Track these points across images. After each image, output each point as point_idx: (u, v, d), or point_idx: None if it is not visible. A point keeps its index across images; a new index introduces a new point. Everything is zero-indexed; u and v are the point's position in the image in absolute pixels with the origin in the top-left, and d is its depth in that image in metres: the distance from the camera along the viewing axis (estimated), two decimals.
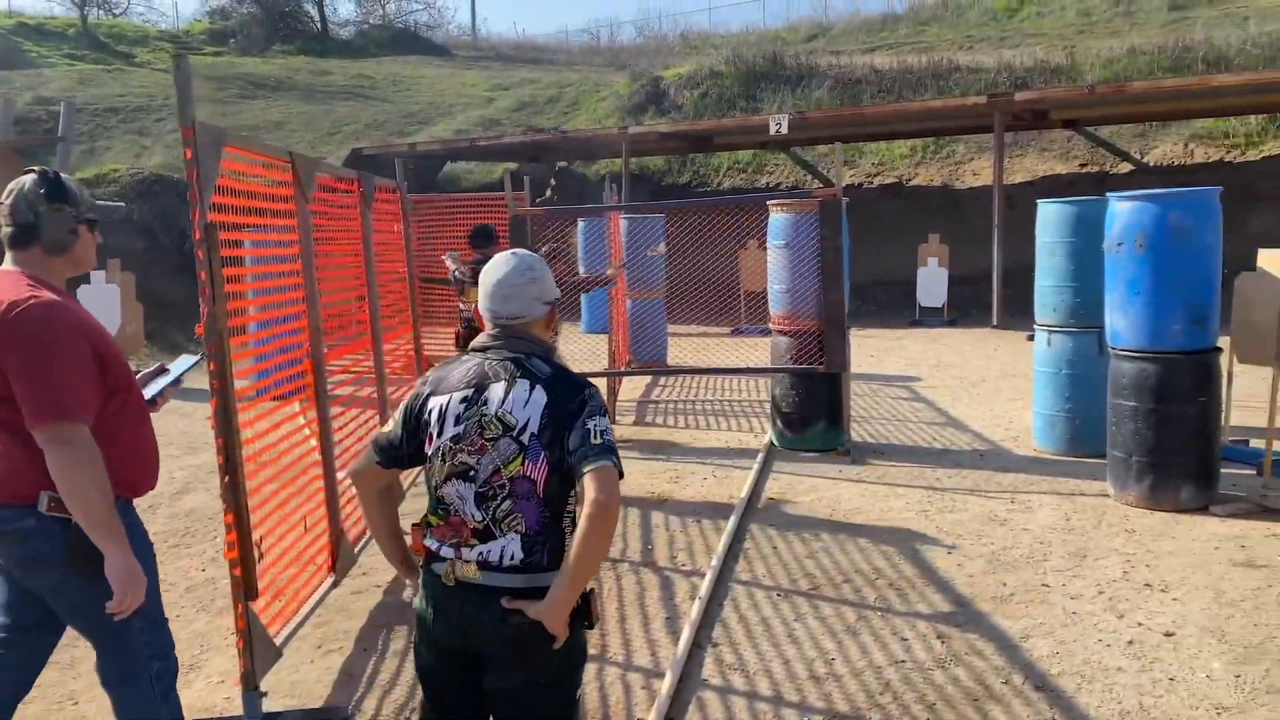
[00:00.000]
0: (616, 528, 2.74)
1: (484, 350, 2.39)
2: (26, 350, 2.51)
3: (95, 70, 30.63)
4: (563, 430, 2.25)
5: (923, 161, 20.62)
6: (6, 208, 2.65)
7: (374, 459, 2.45)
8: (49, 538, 2.58)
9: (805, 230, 7.50)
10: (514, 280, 2.38)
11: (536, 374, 2.31)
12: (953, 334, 14.94)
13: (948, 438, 8.08)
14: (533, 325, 2.41)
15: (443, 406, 2.35)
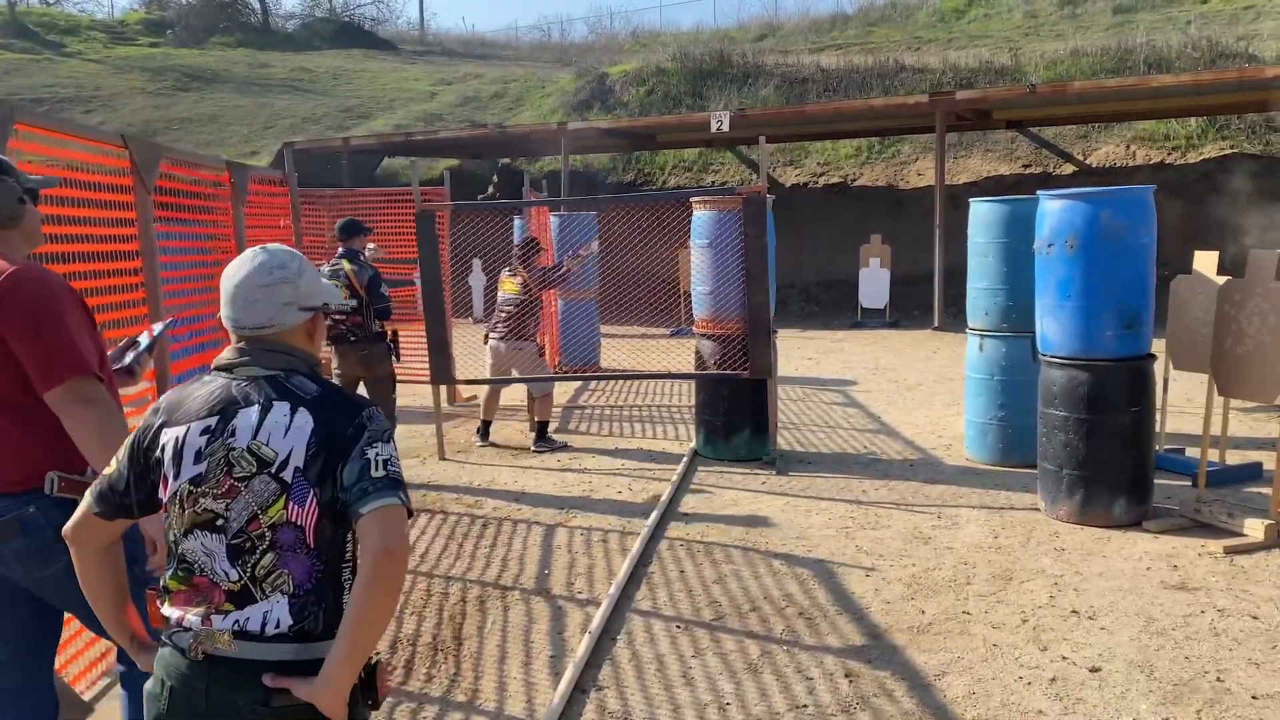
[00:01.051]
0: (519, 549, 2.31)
1: (229, 369, 1.94)
2: (29, 314, 2.40)
3: (22, 60, 29.58)
4: (335, 462, 1.83)
5: (868, 161, 20.41)
6: None
7: (93, 510, 1.98)
8: (52, 524, 2.37)
9: (729, 229, 7.12)
10: (259, 281, 1.93)
11: (299, 394, 1.89)
12: (894, 336, 14.70)
13: (878, 446, 7.76)
14: (288, 336, 1.97)
15: (179, 440, 1.89)
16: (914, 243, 17.00)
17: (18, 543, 2.45)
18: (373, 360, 6.81)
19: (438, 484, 6.88)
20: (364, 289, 6.71)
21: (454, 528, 5.83)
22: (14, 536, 2.45)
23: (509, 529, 5.78)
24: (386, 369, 6.87)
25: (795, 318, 17.60)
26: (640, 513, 6.02)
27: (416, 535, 5.71)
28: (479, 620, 4.44)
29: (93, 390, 2.44)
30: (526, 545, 5.48)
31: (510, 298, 7.67)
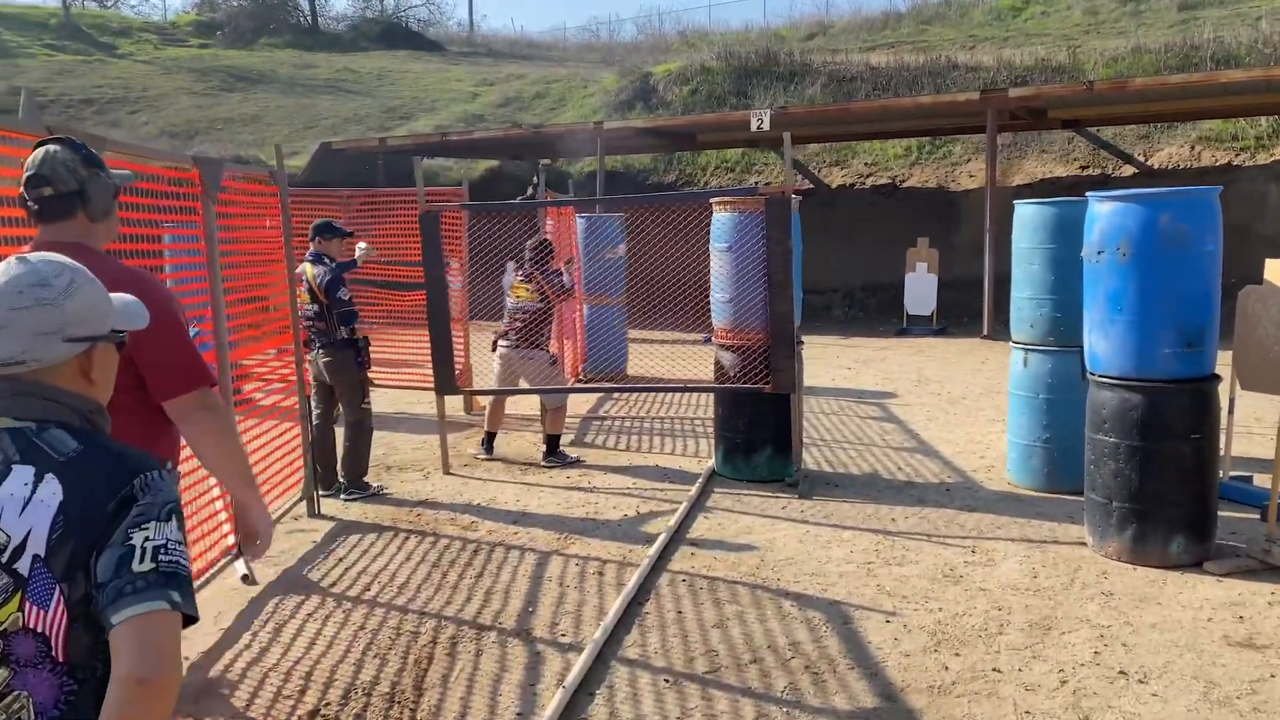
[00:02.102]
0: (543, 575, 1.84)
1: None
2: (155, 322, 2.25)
3: (74, 61, 29.89)
4: (90, 548, 1.40)
5: (918, 162, 19.70)
6: (42, 176, 2.50)
7: None
8: None
9: (750, 232, 6.61)
10: (8, 301, 1.50)
11: (50, 454, 1.47)
12: (940, 344, 14.04)
13: (913, 466, 7.19)
14: (50, 375, 1.53)
15: None
16: (964, 247, 16.33)
17: None
18: (336, 367, 6.49)
19: (436, 501, 6.46)
20: (322, 293, 6.40)
21: (442, 553, 5.40)
22: None
23: (500, 556, 5.33)
24: (352, 377, 6.51)
25: (837, 324, 17.00)
26: (645, 540, 5.54)
27: (402, 561, 5.28)
28: (446, 667, 3.99)
29: (215, 398, 2.59)
30: (516, 576, 5.02)
31: (523, 304, 7.26)
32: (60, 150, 2.55)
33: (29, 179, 2.54)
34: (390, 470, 7.35)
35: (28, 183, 2.55)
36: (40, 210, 2.55)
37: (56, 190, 2.52)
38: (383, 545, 5.58)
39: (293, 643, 4.25)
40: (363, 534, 5.79)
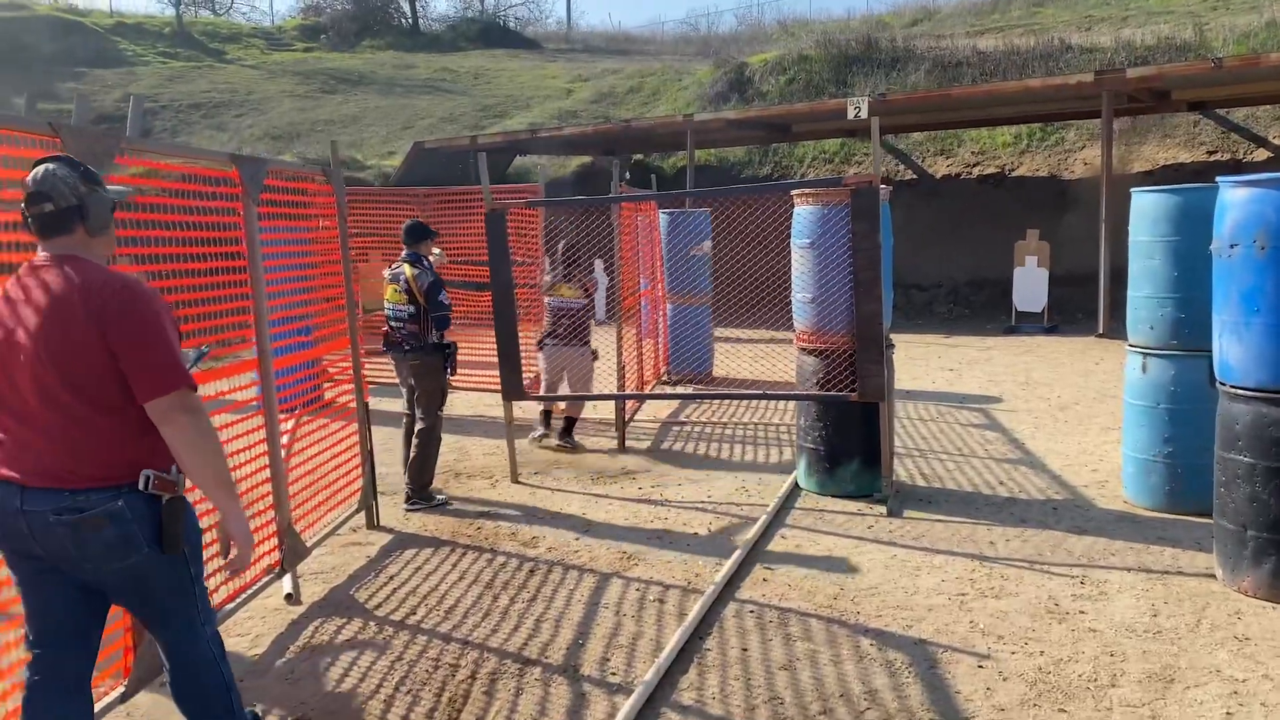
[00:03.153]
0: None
1: None
2: (137, 324, 2.56)
3: (186, 68, 30.81)
4: None
5: (1028, 150, 18.71)
6: (42, 193, 2.60)
7: None
8: (137, 518, 2.58)
9: (835, 226, 6.11)
10: None
11: None
12: (1051, 343, 13.19)
13: (1017, 481, 6.58)
14: None
15: None
16: (1078, 239, 15.36)
17: (106, 534, 2.57)
18: (424, 372, 6.33)
19: (500, 512, 6.15)
20: (423, 295, 6.27)
21: (496, 573, 5.06)
22: (104, 528, 2.56)
23: (557, 578, 4.97)
24: (437, 383, 6.36)
25: (941, 321, 16.23)
26: (714, 560, 5.10)
27: (454, 581, 4.97)
28: (481, 708, 3.63)
29: (194, 401, 2.62)
30: (571, 601, 4.65)
31: (568, 303, 7.48)
32: (60, 168, 2.64)
33: (30, 196, 2.62)
34: (459, 477, 7.08)
35: (29, 199, 2.63)
36: (41, 226, 2.64)
37: (57, 206, 2.61)
38: (437, 562, 5.28)
39: (325, 673, 3.96)
40: (418, 549, 5.51)
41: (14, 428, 2.62)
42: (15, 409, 2.62)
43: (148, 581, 2.70)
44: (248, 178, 4.58)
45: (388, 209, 10.21)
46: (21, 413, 2.60)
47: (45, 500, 2.55)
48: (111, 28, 33.39)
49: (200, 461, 2.61)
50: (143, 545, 2.61)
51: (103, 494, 2.57)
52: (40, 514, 2.55)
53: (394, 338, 6.38)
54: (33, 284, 2.62)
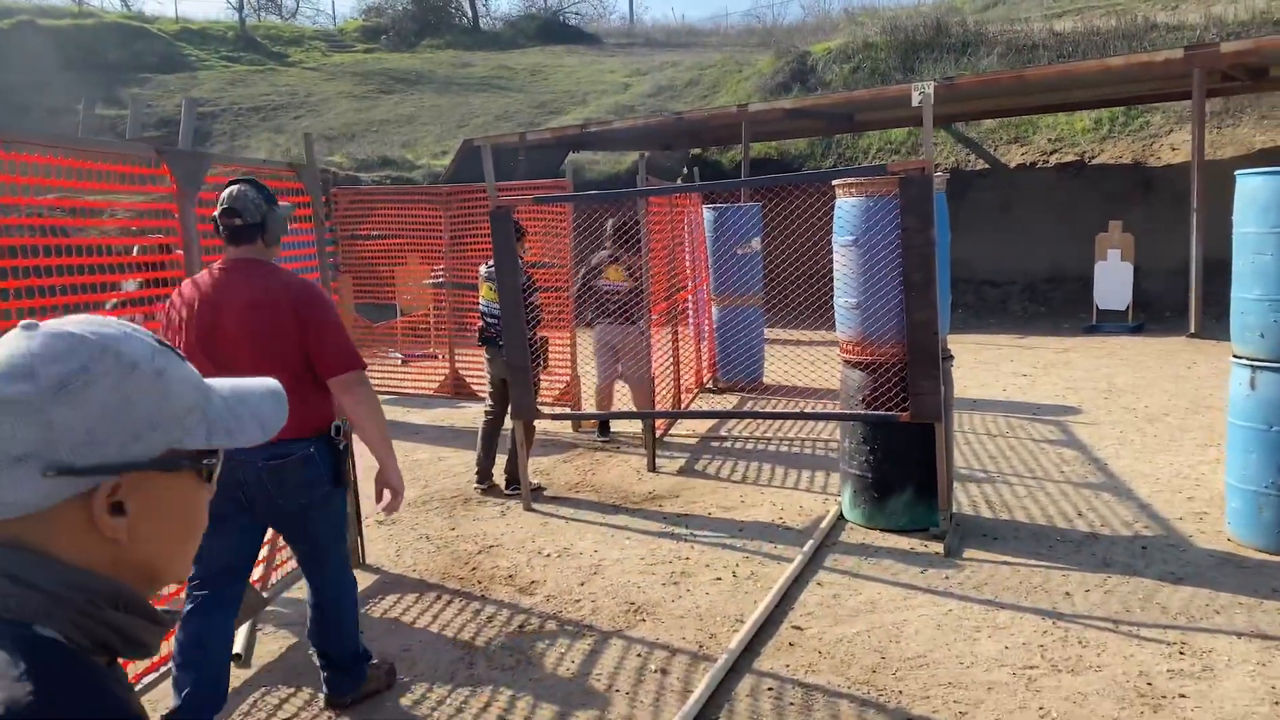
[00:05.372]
0: None
1: None
2: (323, 315, 3.26)
3: (246, 71, 30.87)
4: None
5: (1110, 135, 17.49)
6: (234, 208, 3.27)
7: None
8: (323, 462, 3.27)
9: (882, 221, 5.30)
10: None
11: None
12: (1136, 344, 12.09)
13: (1098, 511, 5.69)
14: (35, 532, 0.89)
15: None
16: (1166, 230, 14.20)
17: (297, 475, 3.19)
18: None
19: (503, 546, 5.47)
20: None
21: (480, 629, 4.37)
22: (295, 470, 3.18)
23: (548, 637, 4.26)
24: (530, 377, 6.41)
25: (1016, 320, 15.17)
26: (734, 616, 4.35)
27: (429, 641, 4.29)
28: None
29: (366, 377, 3.29)
30: (557, 670, 3.93)
31: (615, 286, 7.37)
32: (249, 189, 3.31)
33: (224, 210, 3.29)
34: (469, 503, 6.43)
35: (223, 213, 3.29)
36: (230, 235, 3.30)
37: (245, 221, 3.27)
38: (416, 613, 4.61)
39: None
40: (401, 594, 4.85)
41: None
42: None
43: (320, 519, 3.37)
44: (183, 175, 3.95)
45: (423, 210, 9.62)
46: None
47: (253, 452, 3.00)
48: (176, 34, 33.63)
49: (371, 423, 3.28)
50: (324, 484, 3.30)
51: (300, 444, 3.20)
52: (250, 463, 3.12)
53: (489, 333, 6.63)
54: (235, 280, 3.27)
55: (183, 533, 0.98)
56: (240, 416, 0.99)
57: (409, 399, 9.58)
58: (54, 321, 0.93)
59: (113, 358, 0.91)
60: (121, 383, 0.90)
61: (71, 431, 0.88)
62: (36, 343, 0.89)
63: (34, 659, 0.82)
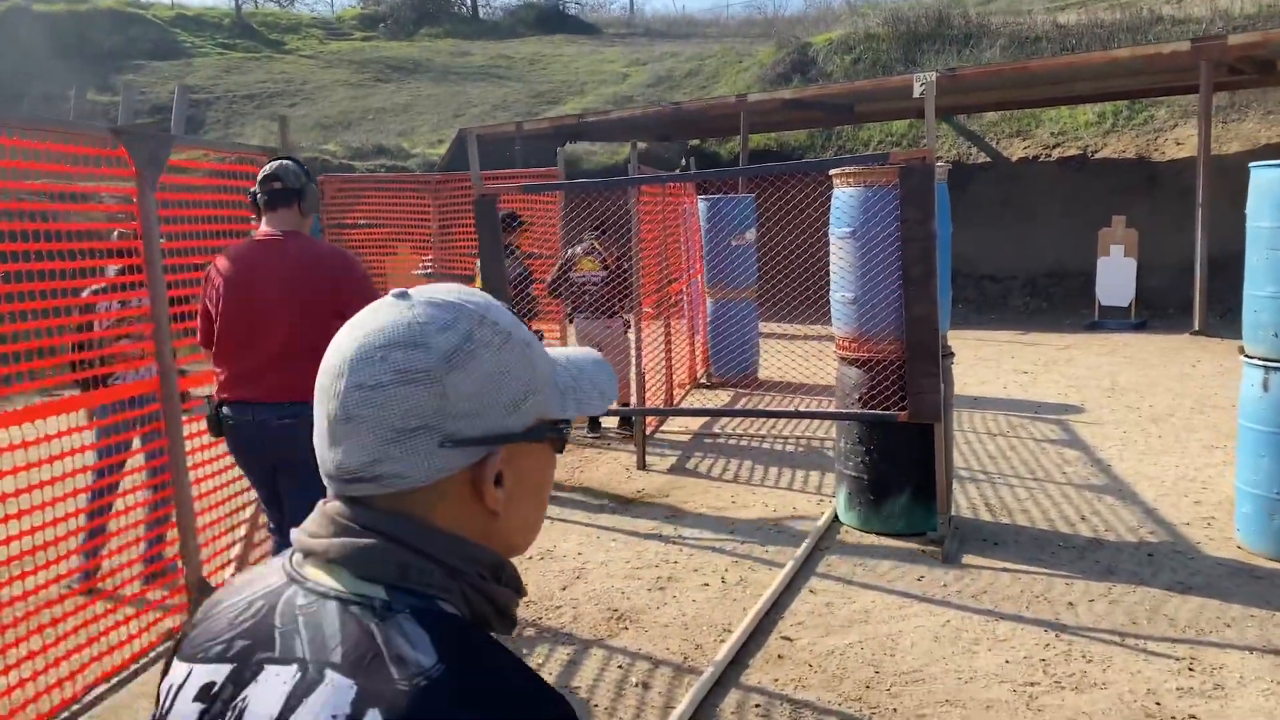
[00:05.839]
0: None
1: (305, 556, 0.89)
2: (359, 279, 3.50)
3: (243, 59, 30.59)
4: None
5: (1113, 130, 17.26)
6: (276, 174, 3.50)
7: None
8: None
9: (881, 212, 5.09)
10: (359, 376, 0.86)
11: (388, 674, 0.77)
12: (1139, 341, 11.88)
13: (1103, 516, 5.50)
14: (424, 504, 0.87)
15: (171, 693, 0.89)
16: (1170, 226, 13.98)
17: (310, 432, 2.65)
18: None
19: None
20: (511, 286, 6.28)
21: None
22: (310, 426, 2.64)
23: (524, 646, 4.06)
24: None
25: (1017, 316, 14.95)
26: (722, 623, 4.15)
27: None
28: None
29: None
30: None
31: (589, 276, 7.19)
32: (290, 163, 3.55)
33: (265, 177, 3.50)
34: None
35: (263, 180, 3.49)
36: (270, 198, 3.48)
37: (285, 185, 3.48)
38: None
39: None
40: None
41: (247, 358, 3.44)
42: (252, 345, 3.42)
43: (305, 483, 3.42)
44: (143, 157, 3.74)
45: (412, 198, 9.41)
46: (258, 347, 3.41)
47: (274, 411, 3.40)
48: (172, 20, 33.32)
49: None
50: None
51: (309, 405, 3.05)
52: (266, 420, 3.41)
53: None
54: (274, 251, 3.46)
55: (540, 503, 0.97)
56: (583, 386, 0.97)
57: None
58: (425, 289, 0.92)
59: (490, 327, 0.90)
60: (500, 352, 0.89)
61: (462, 401, 0.87)
62: (419, 312, 0.89)
63: (447, 633, 0.82)
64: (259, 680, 0.83)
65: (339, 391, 0.86)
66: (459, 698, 0.77)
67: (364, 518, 0.86)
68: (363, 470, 0.86)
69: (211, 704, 0.84)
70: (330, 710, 0.78)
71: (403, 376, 0.85)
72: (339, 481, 0.88)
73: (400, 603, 0.83)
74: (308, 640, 0.83)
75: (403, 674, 0.78)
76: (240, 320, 3.43)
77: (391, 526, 0.86)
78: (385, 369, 0.85)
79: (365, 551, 0.85)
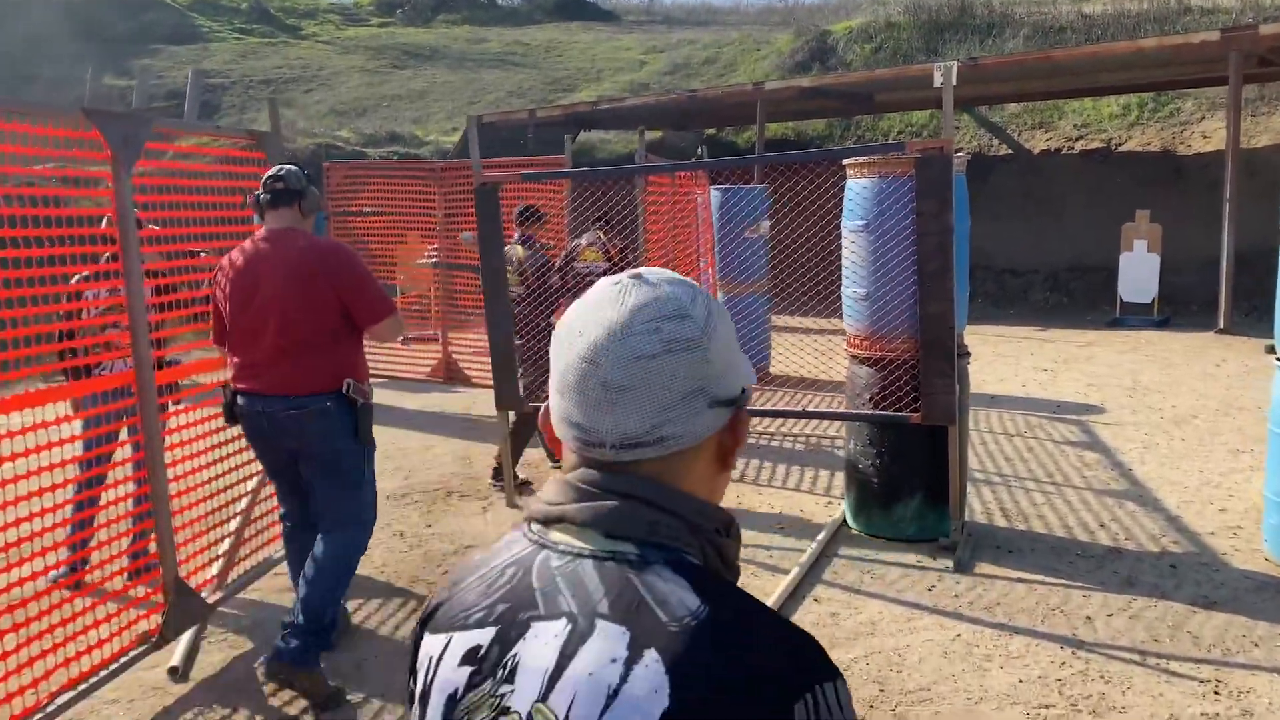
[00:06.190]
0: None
1: (545, 523, 0.98)
2: (356, 274, 3.61)
3: (259, 44, 30.50)
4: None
5: (1138, 122, 16.91)
6: (281, 175, 3.64)
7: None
8: (342, 414, 3.57)
9: (896, 204, 4.87)
10: (634, 347, 0.94)
11: (655, 615, 0.88)
12: (1162, 339, 11.60)
13: (1123, 523, 5.28)
14: (676, 466, 0.96)
15: (431, 664, 0.97)
16: (1195, 220, 13.65)
17: (319, 424, 3.54)
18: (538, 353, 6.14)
19: (479, 548, 5.09)
20: (534, 278, 6.30)
21: None
22: (316, 419, 3.53)
23: None
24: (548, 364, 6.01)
25: (1036, 312, 14.68)
26: None
27: (386, 654, 3.93)
28: None
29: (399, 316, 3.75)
30: None
31: (591, 266, 6.83)
32: (295, 168, 3.69)
33: (269, 178, 3.64)
34: (450, 496, 6.07)
35: (267, 181, 3.63)
36: (272, 197, 3.60)
37: (287, 186, 3.61)
38: (377, 622, 4.26)
39: None
40: (365, 599, 4.49)
41: (252, 351, 3.54)
42: (256, 339, 3.52)
43: (342, 463, 3.62)
44: (118, 140, 3.57)
45: (418, 186, 9.22)
46: (261, 341, 3.51)
47: (279, 403, 3.51)
48: (189, 4, 33.24)
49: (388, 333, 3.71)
50: (344, 434, 3.58)
51: (319, 396, 3.52)
52: (274, 413, 3.52)
53: None
54: (274, 248, 3.55)
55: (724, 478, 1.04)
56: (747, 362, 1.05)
57: (401, 383, 9.21)
58: (650, 271, 1.00)
59: (715, 302, 1.01)
60: (725, 322, 1.00)
61: (718, 365, 0.97)
62: (669, 289, 0.98)
63: (701, 579, 0.90)
64: (527, 637, 0.90)
65: (612, 363, 0.93)
66: (728, 632, 0.86)
67: (614, 482, 0.94)
68: (645, 435, 0.94)
69: (480, 665, 0.92)
70: (609, 655, 0.86)
71: (677, 345, 0.94)
72: (615, 448, 0.94)
73: (652, 556, 0.91)
74: (571, 595, 0.90)
75: (670, 617, 0.87)
76: (244, 315, 3.54)
77: (640, 489, 0.94)
78: (659, 340, 0.94)
79: (615, 512, 0.93)
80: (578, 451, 0.97)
